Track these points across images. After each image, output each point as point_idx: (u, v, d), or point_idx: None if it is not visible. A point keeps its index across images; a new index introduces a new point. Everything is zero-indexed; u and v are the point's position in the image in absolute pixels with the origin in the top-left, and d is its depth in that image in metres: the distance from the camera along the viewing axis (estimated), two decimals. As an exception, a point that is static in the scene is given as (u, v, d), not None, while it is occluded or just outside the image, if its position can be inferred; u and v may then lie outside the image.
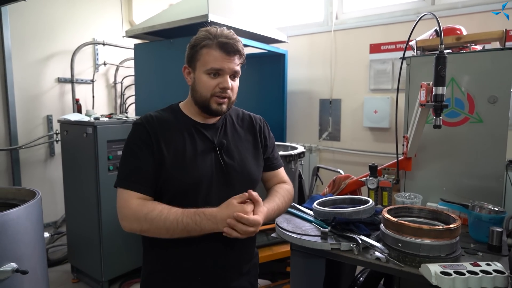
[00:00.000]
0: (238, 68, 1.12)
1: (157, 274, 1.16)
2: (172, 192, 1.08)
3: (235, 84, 1.13)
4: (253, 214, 1.03)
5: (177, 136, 1.11)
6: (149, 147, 1.08)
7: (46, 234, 1.66)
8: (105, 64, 3.72)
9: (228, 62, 1.08)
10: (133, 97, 3.60)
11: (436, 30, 1.92)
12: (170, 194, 1.08)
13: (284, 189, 1.27)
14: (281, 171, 1.33)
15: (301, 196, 2.55)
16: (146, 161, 1.07)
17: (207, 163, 1.11)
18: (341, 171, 2.48)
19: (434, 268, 1.06)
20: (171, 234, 1.02)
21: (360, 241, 1.25)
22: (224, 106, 1.12)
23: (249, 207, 1.02)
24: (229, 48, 1.07)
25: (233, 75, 1.12)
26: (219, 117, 1.20)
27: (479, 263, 1.11)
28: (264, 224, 1.09)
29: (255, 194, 1.06)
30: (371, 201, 1.51)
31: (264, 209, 1.07)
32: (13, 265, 1.35)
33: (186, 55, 1.14)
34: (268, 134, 1.31)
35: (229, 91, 1.11)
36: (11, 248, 1.37)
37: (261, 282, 2.27)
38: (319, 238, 1.31)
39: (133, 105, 3.76)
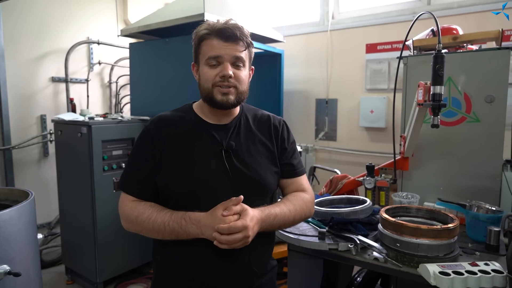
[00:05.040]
0: (241, 54, 1.04)
1: (162, 279, 1.12)
2: (175, 196, 1.05)
3: (241, 73, 1.05)
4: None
5: (185, 138, 1.07)
6: (149, 152, 1.06)
7: (40, 236, 1.63)
8: (99, 63, 3.68)
9: (226, 48, 1.02)
10: (128, 96, 3.57)
11: (432, 30, 1.93)
12: (174, 199, 1.05)
13: (298, 197, 1.14)
14: (301, 179, 1.20)
15: (298, 196, 2.54)
16: (143, 166, 1.07)
17: (213, 166, 1.05)
18: (338, 171, 2.47)
19: (433, 268, 1.06)
20: (161, 236, 1.02)
21: (358, 241, 1.25)
22: (231, 97, 1.04)
23: (233, 217, 0.95)
24: (225, 34, 1.02)
25: (236, 63, 1.04)
26: (233, 117, 1.13)
27: (477, 263, 1.11)
28: (268, 231, 1.05)
29: (237, 204, 0.97)
30: (368, 201, 1.51)
31: (255, 214, 0.98)
32: (6, 267, 1.31)
33: (192, 53, 1.12)
34: (287, 137, 1.20)
35: (232, 79, 1.03)
36: (4, 250, 1.34)
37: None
38: (317, 238, 1.31)
39: (128, 105, 3.72)
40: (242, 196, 0.98)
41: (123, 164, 2.68)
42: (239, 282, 1.07)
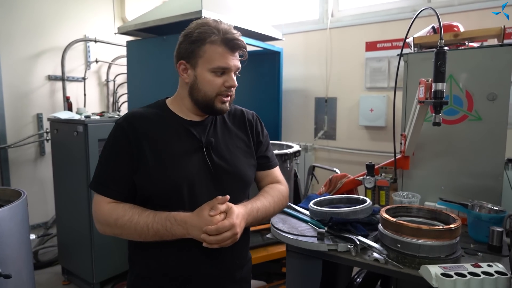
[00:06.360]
0: (240, 64, 1.09)
1: (143, 281, 1.09)
2: (156, 195, 1.02)
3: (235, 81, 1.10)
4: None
5: (162, 135, 1.05)
6: (125, 150, 1.02)
7: (33, 236, 1.60)
8: (97, 61, 3.65)
9: (233, 59, 1.05)
10: (126, 95, 3.54)
11: (433, 27, 1.90)
12: (154, 198, 1.02)
13: (275, 189, 1.19)
14: (275, 171, 1.25)
15: (297, 196, 2.52)
16: (120, 165, 1.02)
17: (194, 163, 1.05)
18: (337, 170, 2.45)
19: (435, 270, 1.03)
20: (143, 238, 0.99)
21: (357, 242, 1.22)
22: (228, 105, 1.09)
23: (220, 216, 0.95)
24: (235, 46, 1.04)
25: (236, 73, 1.08)
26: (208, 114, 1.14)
27: (480, 264, 1.08)
28: (253, 225, 1.05)
29: (223, 203, 0.98)
30: (368, 200, 1.48)
31: (240, 211, 1.00)
32: (-3, 268, 1.29)
33: (182, 49, 1.06)
34: (261, 130, 1.24)
35: (233, 88, 1.08)
36: (-5, 251, 1.32)
37: (256, 283, 2.23)
38: (316, 239, 1.28)
39: (126, 104, 3.69)
40: (228, 196, 0.99)
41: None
42: (223, 276, 1.09)
